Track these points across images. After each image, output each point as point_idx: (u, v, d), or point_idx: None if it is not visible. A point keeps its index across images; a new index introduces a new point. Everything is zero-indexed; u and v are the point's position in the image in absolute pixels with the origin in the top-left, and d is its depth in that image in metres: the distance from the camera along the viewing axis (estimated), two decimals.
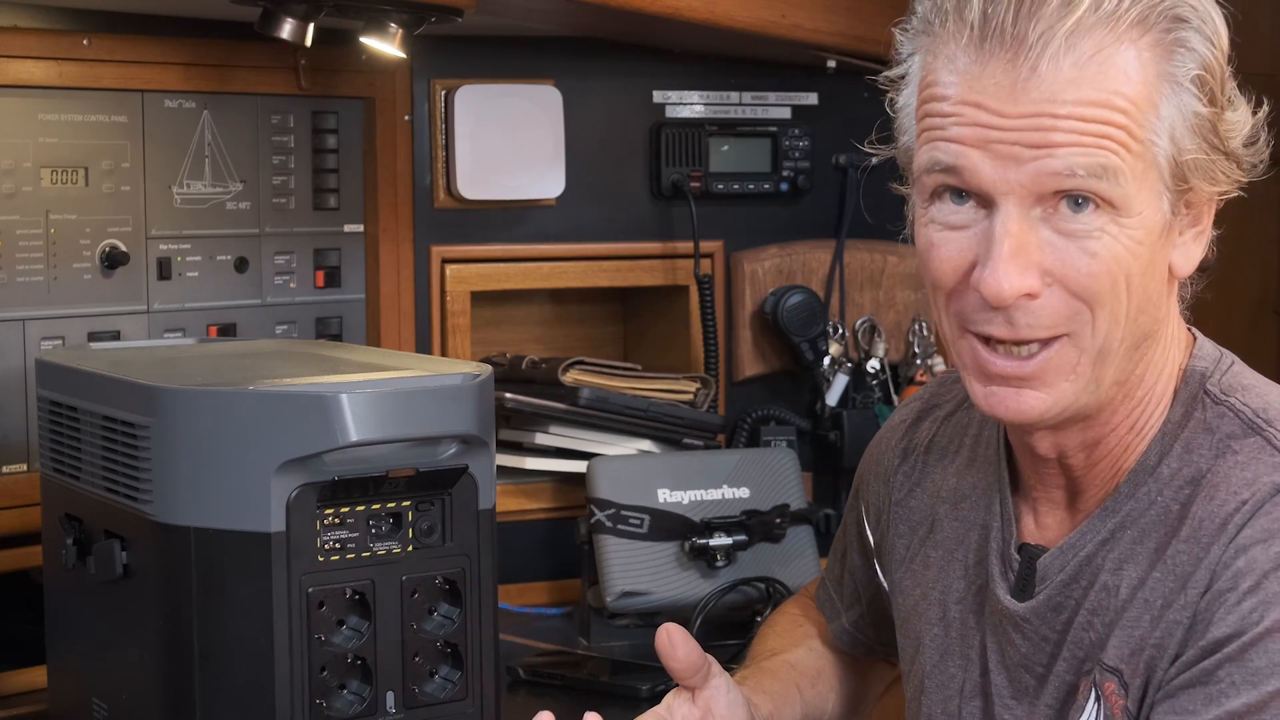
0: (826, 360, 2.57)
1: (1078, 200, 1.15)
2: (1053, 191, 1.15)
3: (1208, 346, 1.29)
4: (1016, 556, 1.31)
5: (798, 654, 1.58)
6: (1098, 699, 1.24)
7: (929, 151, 1.19)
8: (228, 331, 2.12)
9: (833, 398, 2.59)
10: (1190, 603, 1.18)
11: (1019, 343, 1.19)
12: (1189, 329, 1.30)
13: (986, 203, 1.18)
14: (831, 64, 2.50)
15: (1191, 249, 1.22)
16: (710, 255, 2.53)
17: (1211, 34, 1.18)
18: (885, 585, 1.50)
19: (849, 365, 2.60)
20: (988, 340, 1.20)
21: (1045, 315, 1.17)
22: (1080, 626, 1.25)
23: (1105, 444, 1.26)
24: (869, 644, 1.57)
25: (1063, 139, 1.14)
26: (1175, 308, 1.27)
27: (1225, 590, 1.16)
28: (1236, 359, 1.29)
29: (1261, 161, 1.23)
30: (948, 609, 1.38)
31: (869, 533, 1.52)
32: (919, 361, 2.63)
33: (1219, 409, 1.24)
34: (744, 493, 2.28)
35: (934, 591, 1.39)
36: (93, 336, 2.00)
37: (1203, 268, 1.27)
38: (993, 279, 1.16)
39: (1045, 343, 1.19)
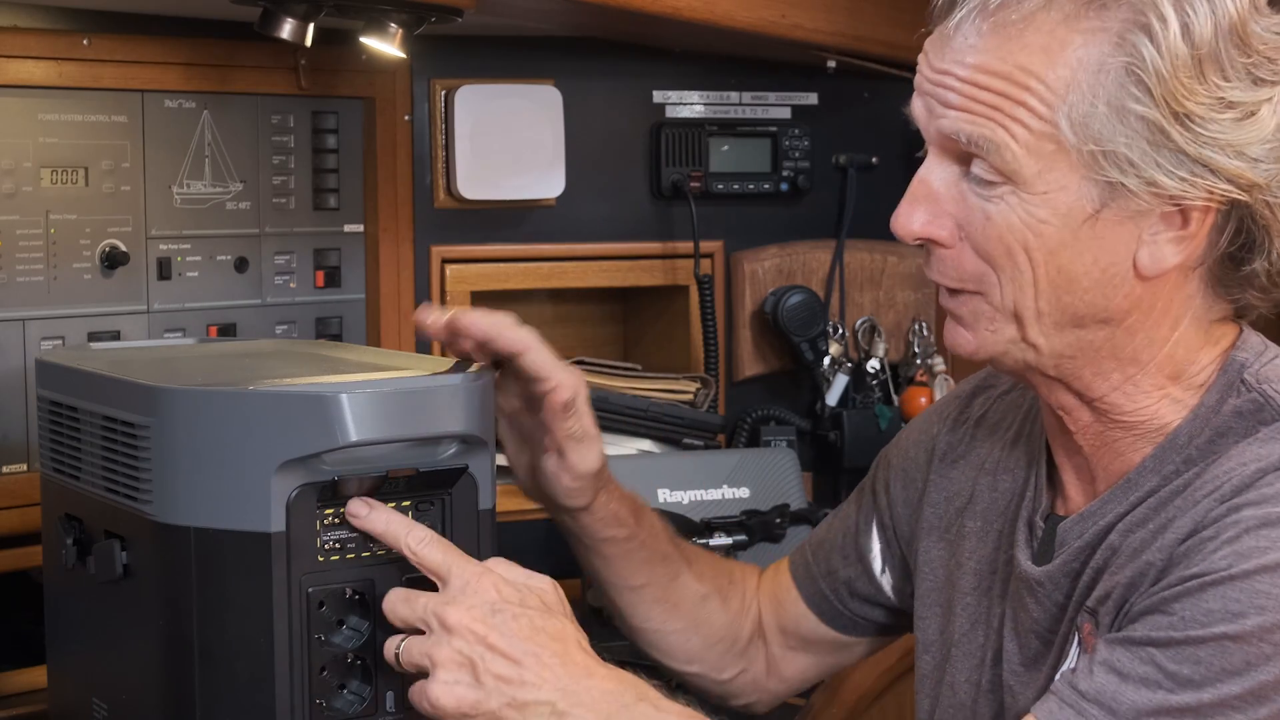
0: (826, 360, 2.57)
1: (980, 163, 1.19)
2: (956, 150, 1.20)
3: (1254, 339, 1.30)
4: (1041, 524, 1.32)
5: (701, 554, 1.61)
6: (1079, 641, 1.25)
7: None
8: (228, 331, 2.12)
9: (833, 398, 2.59)
10: (1167, 546, 1.20)
11: (943, 287, 1.25)
12: (1237, 322, 1.30)
13: None
14: (831, 64, 2.51)
15: (1164, 250, 1.21)
16: (710, 255, 2.54)
17: (1171, 34, 1.15)
18: (900, 553, 1.51)
19: (849, 365, 2.60)
20: None
21: (951, 266, 1.23)
22: (1084, 587, 1.27)
23: (1105, 411, 1.27)
24: (838, 609, 1.58)
25: (955, 100, 1.18)
26: (1187, 303, 1.25)
27: (1207, 538, 1.17)
28: None
29: None
30: (982, 578, 1.39)
31: (880, 495, 1.53)
32: (919, 361, 2.63)
33: (1252, 395, 1.25)
34: (744, 493, 2.28)
35: (970, 561, 1.40)
36: (93, 336, 2.00)
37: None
38: (895, 218, 1.23)
39: (968, 291, 1.24)
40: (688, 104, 2.54)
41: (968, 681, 1.38)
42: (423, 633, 1.27)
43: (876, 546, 1.54)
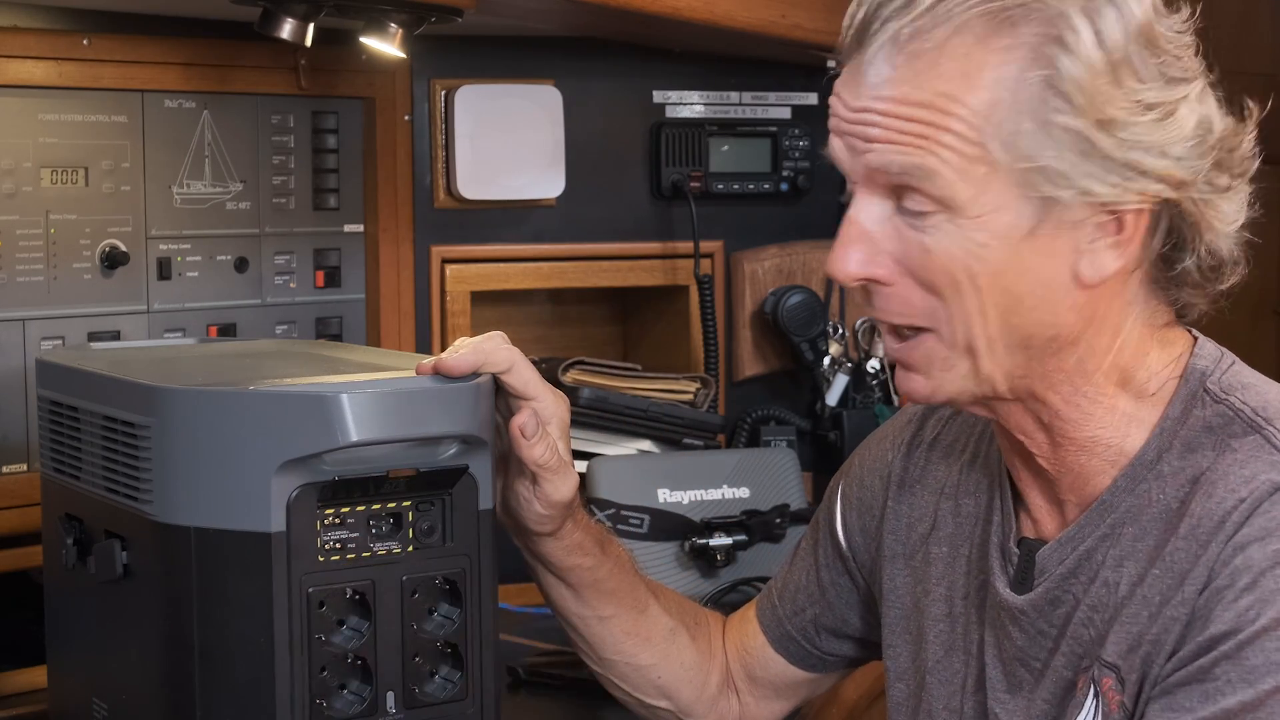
0: (826, 360, 2.57)
1: (913, 195, 1.18)
2: (887, 184, 1.18)
3: (1209, 346, 1.30)
4: (1016, 550, 1.32)
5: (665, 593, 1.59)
6: (1096, 695, 1.24)
7: None
8: (228, 331, 2.12)
9: (833, 398, 2.59)
10: (1188, 599, 1.19)
11: (890, 327, 1.24)
12: (1189, 330, 1.30)
13: None
14: (831, 64, 2.50)
15: (1103, 257, 1.20)
16: (710, 255, 2.54)
17: (1085, 43, 1.15)
18: (863, 583, 1.51)
19: (849, 365, 2.60)
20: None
21: (897, 302, 1.21)
22: (1080, 623, 1.26)
23: (1060, 430, 1.26)
24: (807, 649, 1.57)
25: (879, 134, 1.17)
26: (1126, 309, 1.25)
27: (1223, 587, 1.17)
28: (1238, 359, 1.30)
29: (1247, 166, 1.22)
30: (953, 604, 1.38)
31: (838, 528, 1.52)
32: None
33: (1219, 407, 1.24)
34: (744, 493, 2.28)
35: (939, 587, 1.40)
36: (93, 336, 2.00)
37: (1217, 265, 1.26)
38: (830, 262, 1.22)
39: (916, 332, 1.22)
40: (688, 104, 2.54)
41: (946, 709, 1.37)
42: None
43: (839, 579, 1.54)
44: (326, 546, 1.33)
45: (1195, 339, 1.30)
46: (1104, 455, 1.27)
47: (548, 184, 2.39)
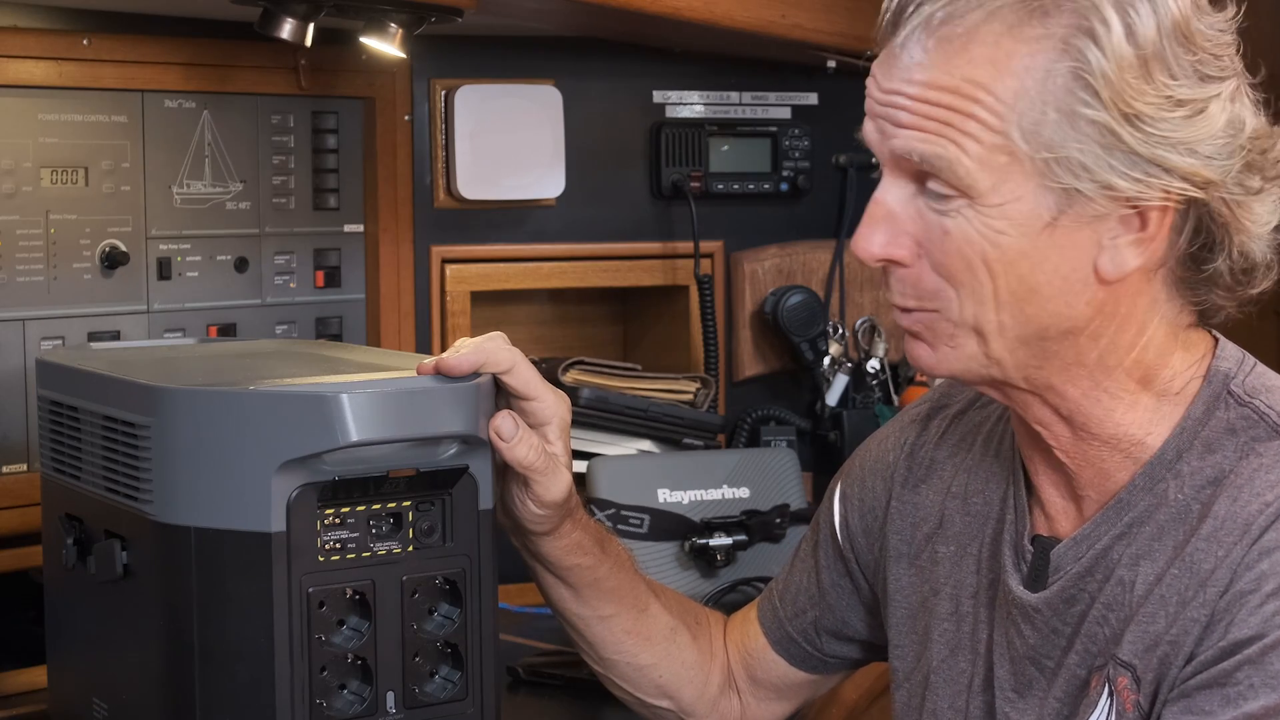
0: (826, 360, 2.57)
1: (936, 180, 1.18)
2: (911, 169, 1.19)
3: (1230, 348, 1.29)
4: (1030, 547, 1.31)
5: (666, 592, 1.59)
6: (1110, 694, 1.24)
7: None
8: (228, 331, 2.12)
9: (833, 398, 2.59)
10: (1209, 601, 1.18)
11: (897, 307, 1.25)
12: (1209, 331, 1.29)
13: None
14: (831, 64, 2.51)
15: (1125, 253, 1.19)
16: (710, 255, 2.54)
17: (1115, 36, 1.14)
18: (865, 585, 1.51)
19: (849, 365, 2.60)
20: None
21: (911, 285, 1.22)
22: (1094, 620, 1.25)
23: (1083, 424, 1.26)
24: (809, 650, 1.57)
25: (907, 120, 1.18)
26: (1152, 307, 1.24)
27: (1247, 592, 1.16)
28: (1259, 362, 1.29)
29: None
30: (960, 603, 1.37)
31: (838, 529, 1.52)
32: None
33: (1243, 410, 1.24)
34: (744, 493, 2.28)
35: (945, 586, 1.39)
36: (93, 336, 2.00)
37: (1249, 268, 1.24)
38: (854, 241, 1.23)
39: (925, 310, 1.23)
40: (688, 104, 2.54)
41: (951, 708, 1.37)
42: None
43: (840, 581, 1.54)
44: (326, 546, 1.33)
45: (1216, 340, 1.29)
46: (1125, 452, 1.26)
47: (548, 184, 2.39)
